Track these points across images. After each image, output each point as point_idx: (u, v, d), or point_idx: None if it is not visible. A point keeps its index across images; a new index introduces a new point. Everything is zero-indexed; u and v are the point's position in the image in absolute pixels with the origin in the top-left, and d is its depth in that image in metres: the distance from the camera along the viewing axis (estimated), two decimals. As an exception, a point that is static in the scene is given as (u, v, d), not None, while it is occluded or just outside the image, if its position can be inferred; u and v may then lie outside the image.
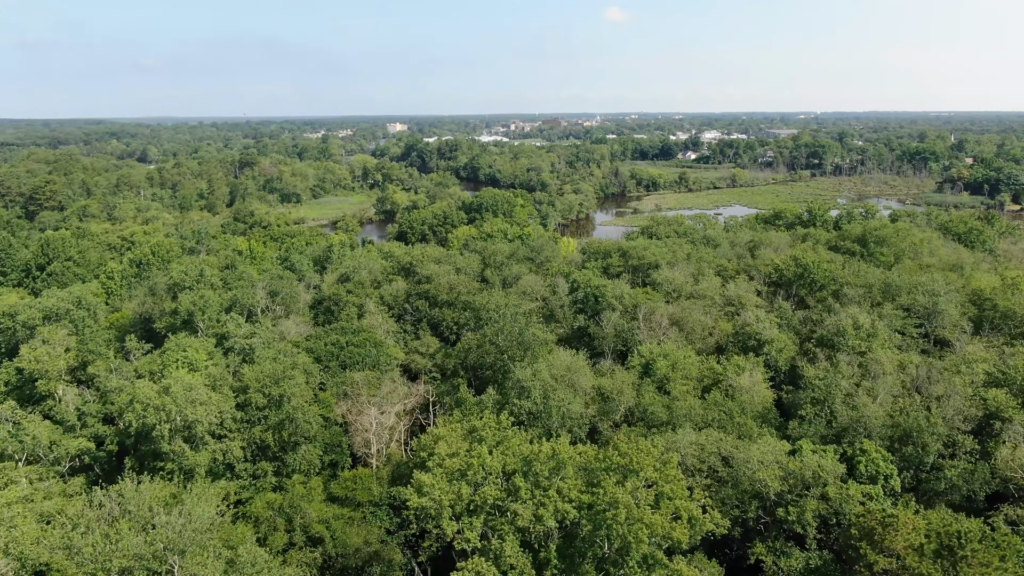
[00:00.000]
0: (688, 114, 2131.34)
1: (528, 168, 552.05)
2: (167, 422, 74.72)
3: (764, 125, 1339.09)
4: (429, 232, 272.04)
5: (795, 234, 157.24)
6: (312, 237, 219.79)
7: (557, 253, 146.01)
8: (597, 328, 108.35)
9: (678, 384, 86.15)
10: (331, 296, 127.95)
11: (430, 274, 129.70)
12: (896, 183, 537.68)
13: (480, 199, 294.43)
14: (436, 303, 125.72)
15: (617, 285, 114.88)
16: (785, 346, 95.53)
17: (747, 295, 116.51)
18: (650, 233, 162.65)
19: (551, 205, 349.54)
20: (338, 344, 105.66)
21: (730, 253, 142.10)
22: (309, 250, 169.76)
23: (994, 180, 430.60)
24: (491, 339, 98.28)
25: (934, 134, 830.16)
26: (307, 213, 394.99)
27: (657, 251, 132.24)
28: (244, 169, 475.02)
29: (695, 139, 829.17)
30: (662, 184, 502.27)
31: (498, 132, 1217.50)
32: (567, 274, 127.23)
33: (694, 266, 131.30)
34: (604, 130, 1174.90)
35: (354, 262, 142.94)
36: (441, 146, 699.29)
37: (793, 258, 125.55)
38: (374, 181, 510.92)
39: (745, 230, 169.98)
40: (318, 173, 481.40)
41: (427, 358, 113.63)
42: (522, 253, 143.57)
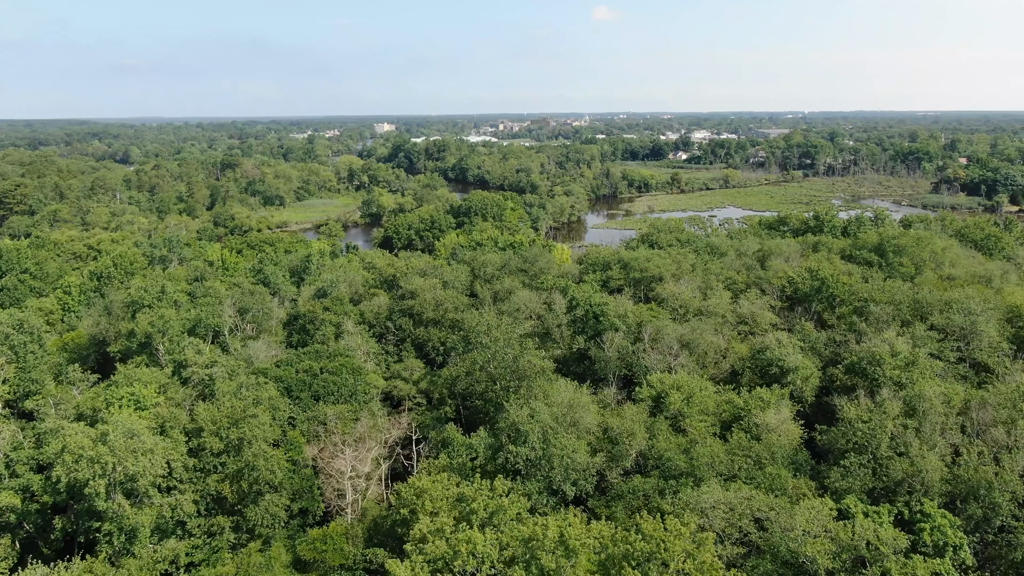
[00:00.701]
0: (677, 114, 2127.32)
1: (517, 169, 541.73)
2: (103, 476, 63.71)
3: (753, 125, 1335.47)
4: (416, 237, 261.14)
5: (805, 242, 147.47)
6: (292, 244, 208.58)
7: (551, 264, 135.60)
8: (599, 351, 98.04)
9: (694, 421, 75.91)
10: (306, 314, 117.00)
11: (415, 289, 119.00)
12: (890, 183, 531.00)
13: (469, 202, 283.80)
14: (421, 321, 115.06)
15: (620, 302, 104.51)
16: (811, 374, 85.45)
17: (761, 312, 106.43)
18: (651, 241, 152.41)
19: (542, 208, 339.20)
20: (311, 371, 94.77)
21: (738, 264, 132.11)
22: (286, 260, 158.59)
23: (991, 181, 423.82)
24: (482, 366, 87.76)
25: (925, 134, 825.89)
26: (290, 216, 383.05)
27: (661, 263, 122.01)
28: (226, 171, 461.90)
29: (685, 139, 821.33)
30: (654, 185, 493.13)
31: (487, 132, 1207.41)
32: (564, 288, 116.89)
33: (701, 279, 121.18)
34: (593, 130, 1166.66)
35: (332, 275, 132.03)
36: (429, 147, 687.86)
37: (809, 270, 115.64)
38: (360, 183, 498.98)
39: (751, 237, 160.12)
40: (302, 175, 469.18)
41: (411, 384, 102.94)
42: (514, 264, 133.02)
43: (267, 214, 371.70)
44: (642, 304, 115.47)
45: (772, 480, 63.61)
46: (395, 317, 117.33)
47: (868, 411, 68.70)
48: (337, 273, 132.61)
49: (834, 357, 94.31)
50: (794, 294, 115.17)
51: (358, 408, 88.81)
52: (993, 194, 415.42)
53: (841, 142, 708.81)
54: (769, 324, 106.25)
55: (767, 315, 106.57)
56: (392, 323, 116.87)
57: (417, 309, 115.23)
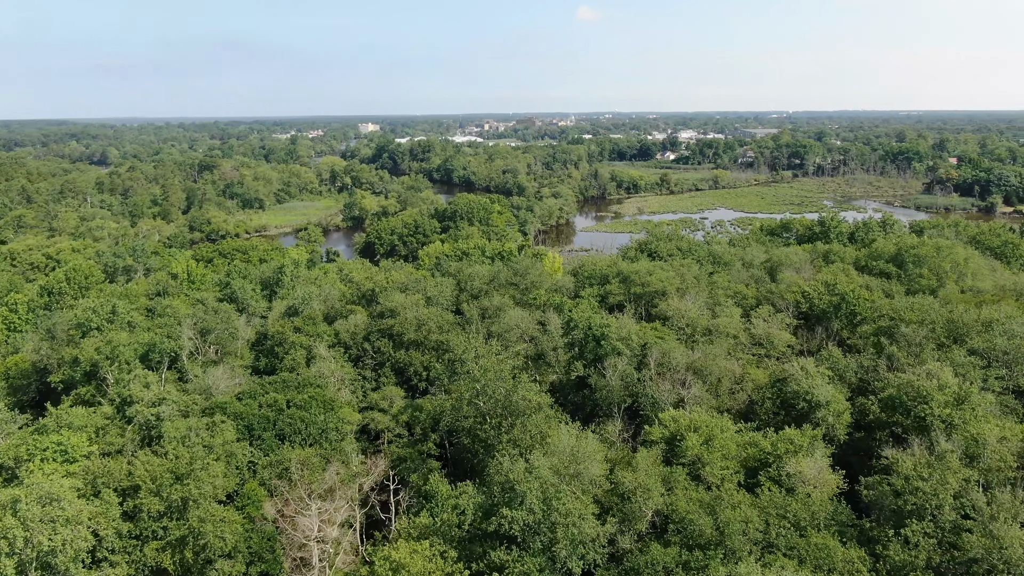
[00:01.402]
0: (662, 113, 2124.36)
1: (504, 170, 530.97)
2: (11, 555, 52.64)
3: (739, 124, 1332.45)
4: (399, 243, 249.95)
5: (814, 251, 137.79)
6: (266, 251, 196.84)
7: (543, 276, 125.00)
8: (600, 378, 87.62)
9: (716, 469, 65.68)
10: (275, 335, 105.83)
11: (395, 307, 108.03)
12: (881, 184, 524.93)
13: (454, 206, 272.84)
14: (402, 343, 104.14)
15: (622, 323, 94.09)
16: (844, 410, 75.46)
17: (778, 333, 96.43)
18: (649, 250, 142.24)
19: (529, 211, 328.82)
20: (276, 406, 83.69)
21: (745, 276, 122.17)
22: (257, 271, 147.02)
23: (984, 181, 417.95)
24: (470, 400, 77.09)
25: (913, 134, 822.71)
26: (269, 220, 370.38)
27: (664, 276, 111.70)
28: (204, 173, 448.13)
29: (673, 139, 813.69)
30: (643, 186, 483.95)
31: (472, 132, 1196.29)
32: (559, 305, 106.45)
33: (707, 293, 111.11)
34: (579, 130, 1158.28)
35: (306, 290, 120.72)
36: (414, 147, 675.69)
37: (826, 285, 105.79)
38: (342, 185, 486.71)
39: (754, 245, 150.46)
40: (283, 177, 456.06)
41: (390, 417, 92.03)
42: (503, 277, 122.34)
43: (245, 218, 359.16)
44: (644, 323, 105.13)
45: (818, 552, 53.53)
46: (373, 338, 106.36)
47: (926, 465, 58.61)
48: (309, 289, 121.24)
49: (862, 385, 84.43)
50: (810, 311, 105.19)
51: (329, 450, 77.89)
52: (987, 195, 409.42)
53: (829, 142, 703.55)
54: (786, 346, 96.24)
55: (783, 335, 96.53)
56: (370, 344, 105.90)
57: (397, 329, 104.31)
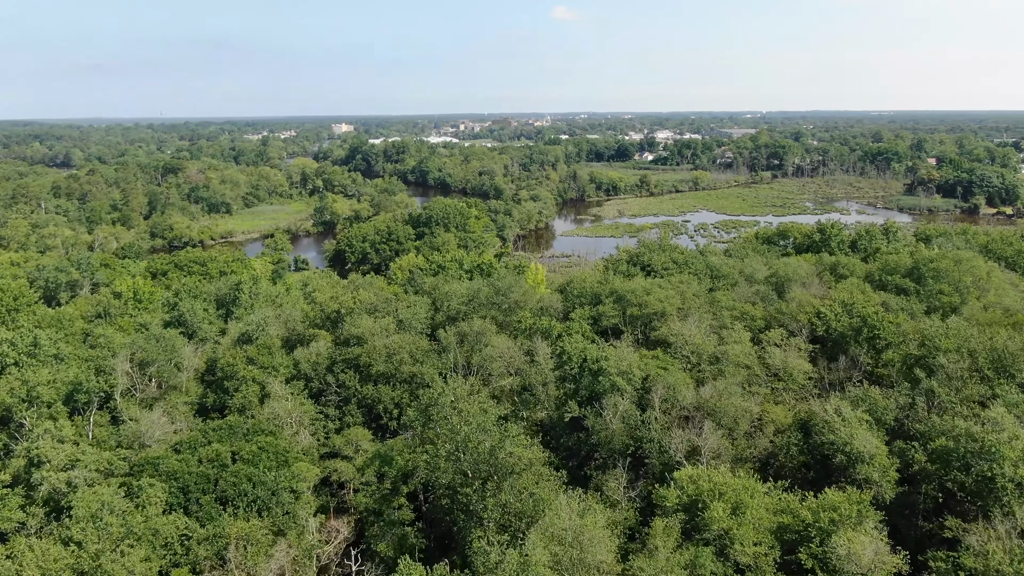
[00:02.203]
0: (637, 114, 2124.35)
1: (480, 172, 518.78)
2: None
3: (715, 125, 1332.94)
4: (371, 251, 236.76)
5: (820, 263, 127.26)
6: (227, 263, 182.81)
7: (528, 295, 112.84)
8: (598, 419, 75.95)
9: (749, 546, 54.34)
10: (224, 367, 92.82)
11: (362, 333, 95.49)
12: (861, 184, 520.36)
13: (430, 211, 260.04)
14: (370, 376, 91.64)
15: (621, 353, 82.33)
16: (891, 465, 64.30)
17: (796, 362, 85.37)
18: (642, 263, 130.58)
19: (508, 215, 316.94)
20: (219, 460, 70.88)
21: (749, 292, 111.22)
22: (212, 288, 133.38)
23: (966, 182, 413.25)
24: (448, 456, 65.01)
25: (890, 134, 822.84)
26: (236, 225, 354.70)
27: (663, 294, 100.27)
28: (168, 176, 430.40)
29: (650, 140, 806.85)
30: (622, 188, 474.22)
31: (447, 133, 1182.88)
32: (547, 332, 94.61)
33: (712, 314, 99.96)
34: (556, 130, 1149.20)
35: (262, 314, 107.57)
36: (388, 148, 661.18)
37: (844, 305, 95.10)
38: (314, 187, 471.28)
39: (753, 256, 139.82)
40: (251, 179, 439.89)
41: (355, 468, 79.48)
42: (484, 295, 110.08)
43: (211, 223, 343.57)
44: (643, 350, 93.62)
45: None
46: (338, 369, 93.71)
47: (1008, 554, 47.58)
48: (266, 313, 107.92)
49: (899, 426, 73.54)
50: (827, 334, 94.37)
51: (280, 518, 65.30)
52: (969, 196, 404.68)
53: (806, 142, 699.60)
54: (805, 377, 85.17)
55: (802, 365, 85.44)
56: (334, 377, 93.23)
57: (365, 360, 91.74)
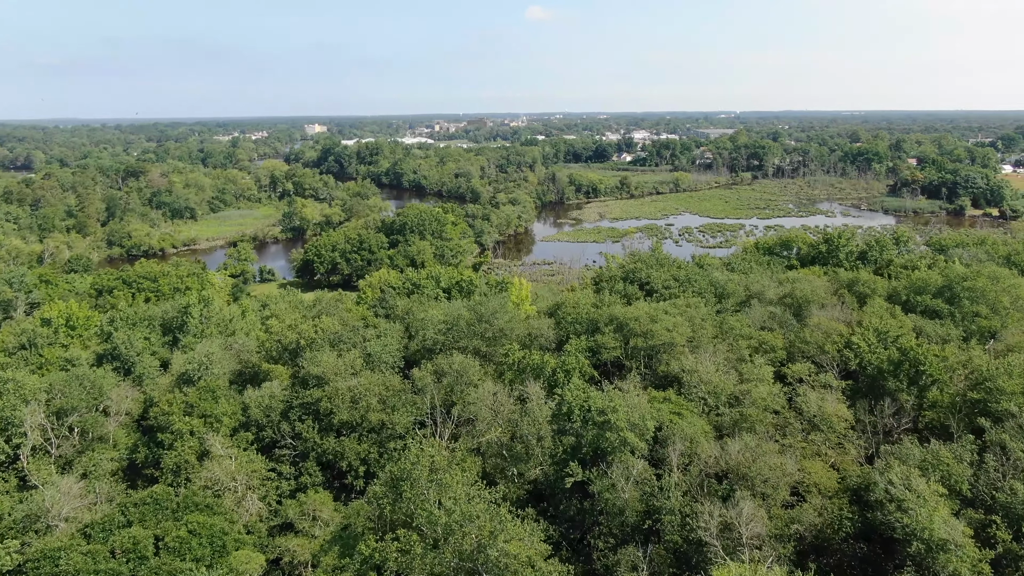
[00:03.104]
0: (612, 114, 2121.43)
1: (456, 173, 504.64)
2: None
3: (691, 125, 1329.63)
4: (341, 261, 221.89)
5: (835, 279, 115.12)
6: (182, 278, 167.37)
7: (514, 321, 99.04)
8: (605, 483, 62.87)
9: None
10: (158, 415, 78.34)
11: (324, 373, 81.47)
12: (843, 185, 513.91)
13: (404, 217, 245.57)
14: (331, 425, 77.66)
15: (630, 400, 69.30)
16: (983, 558, 51.82)
17: (834, 408, 72.71)
18: (640, 281, 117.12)
19: (486, 219, 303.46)
20: (138, 551, 56.67)
21: (763, 314, 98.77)
22: (159, 310, 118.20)
23: (951, 183, 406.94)
24: (424, 553, 51.36)
25: (867, 134, 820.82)
26: (201, 232, 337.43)
27: (670, 322, 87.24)
28: (129, 180, 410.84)
29: (628, 140, 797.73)
30: (603, 190, 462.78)
31: (422, 133, 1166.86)
32: (538, 369, 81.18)
33: (727, 344, 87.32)
34: (532, 130, 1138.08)
35: (208, 348, 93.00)
36: (361, 149, 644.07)
37: (877, 333, 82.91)
38: (284, 191, 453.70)
39: (757, 269, 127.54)
40: (217, 183, 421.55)
41: (313, 551, 65.45)
42: (465, 322, 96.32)
43: (173, 230, 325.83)
44: (652, 389, 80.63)
45: None
46: (294, 416, 79.61)
47: None
48: (213, 346, 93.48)
49: (969, 495, 61.17)
50: (861, 369, 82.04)
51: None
52: (955, 197, 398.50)
53: (784, 142, 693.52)
54: (846, 426, 72.58)
55: (840, 411, 72.89)
56: (289, 425, 79.14)
57: (326, 406, 77.74)
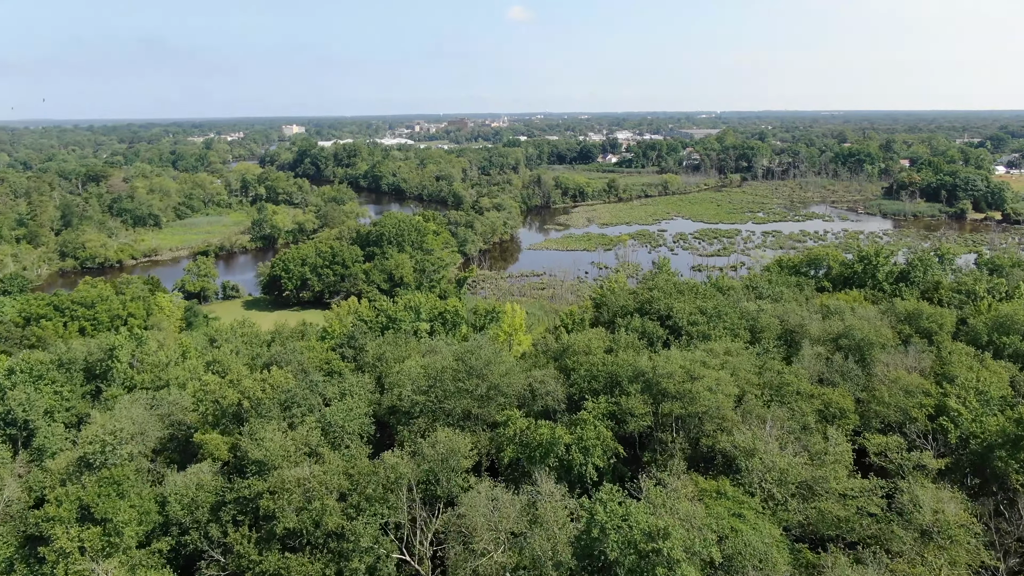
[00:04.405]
0: (594, 114, 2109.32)
1: (437, 176, 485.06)
2: None
3: (673, 125, 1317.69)
4: (312, 276, 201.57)
5: (889, 310, 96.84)
6: (127, 303, 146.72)
7: (512, 373, 79.00)
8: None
9: None
10: (40, 523, 58.39)
11: (267, 457, 61.90)
12: (835, 187, 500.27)
13: (381, 228, 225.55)
14: (274, 534, 57.93)
15: (684, 512, 50.45)
16: None
17: (955, 511, 54.07)
18: (662, 317, 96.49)
19: (469, 227, 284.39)
20: None
21: (816, 362, 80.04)
22: (79, 351, 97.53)
23: (950, 185, 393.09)
24: None
25: (855, 134, 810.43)
26: (164, 241, 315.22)
27: (711, 378, 68.32)
28: (89, 184, 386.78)
29: (613, 141, 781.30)
30: (590, 193, 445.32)
31: (402, 134, 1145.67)
32: (548, 447, 62.25)
33: (787, 408, 68.72)
34: (513, 131, 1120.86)
35: (128, 409, 73.11)
36: (338, 151, 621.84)
37: (978, 394, 64.67)
38: (256, 195, 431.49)
39: (787, 293, 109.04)
40: (184, 188, 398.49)
41: None
42: (451, 376, 76.86)
43: (133, 239, 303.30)
44: (696, 474, 61.98)
45: None
46: (227, 517, 59.97)
47: None
48: (136, 405, 73.61)
49: None
50: (960, 443, 63.75)
51: None
52: (954, 200, 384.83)
53: (771, 143, 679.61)
54: (974, 540, 53.89)
55: (960, 515, 54.43)
56: (219, 527, 59.52)
57: (267, 507, 58.16)
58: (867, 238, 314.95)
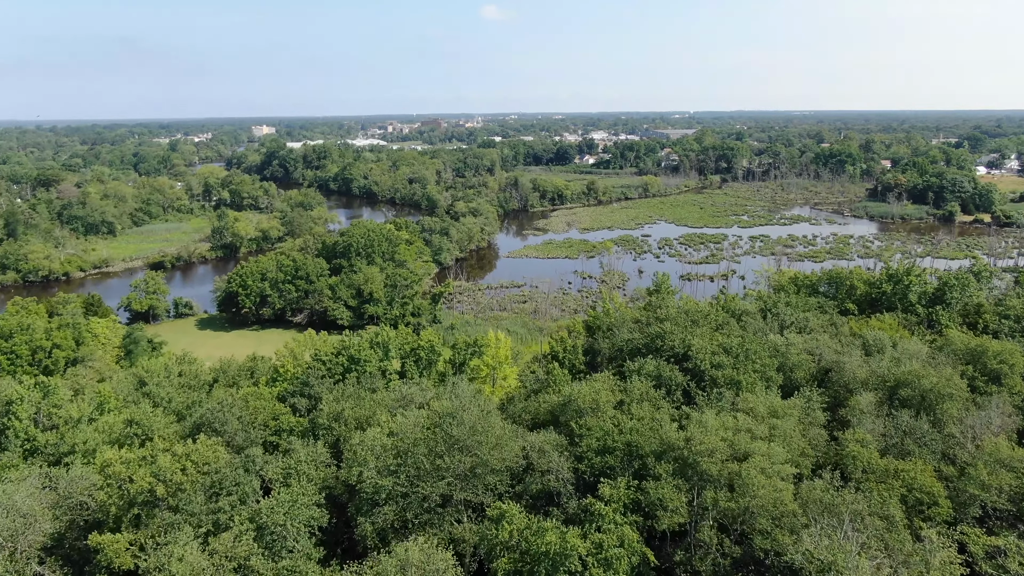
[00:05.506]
0: (568, 114, 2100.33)
1: (410, 179, 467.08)
2: None
3: (648, 125, 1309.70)
4: (272, 293, 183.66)
5: (946, 345, 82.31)
6: (53, 331, 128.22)
7: (503, 441, 62.47)
8: None
9: None
10: None
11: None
12: (818, 189, 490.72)
13: (349, 238, 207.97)
14: None
15: None
16: None
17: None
18: (678, 357, 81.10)
19: (444, 235, 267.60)
20: None
21: (877, 420, 64.99)
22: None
23: (936, 187, 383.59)
24: None
25: (832, 134, 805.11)
26: (117, 251, 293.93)
27: (761, 456, 53.11)
28: (39, 190, 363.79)
29: (589, 142, 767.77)
30: (569, 196, 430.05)
31: (375, 135, 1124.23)
32: (556, 560, 46.54)
33: (862, 497, 53.55)
34: (488, 131, 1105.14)
35: (12, 496, 56.29)
36: (307, 153, 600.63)
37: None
38: (219, 200, 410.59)
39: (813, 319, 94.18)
40: (142, 193, 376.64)
41: None
42: (427, 449, 60.46)
43: (83, 249, 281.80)
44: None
45: None
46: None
47: None
48: (24, 486, 56.69)
49: None
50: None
51: None
52: (942, 202, 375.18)
53: (749, 143, 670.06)
54: None
55: None
56: None
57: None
58: (857, 241, 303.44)
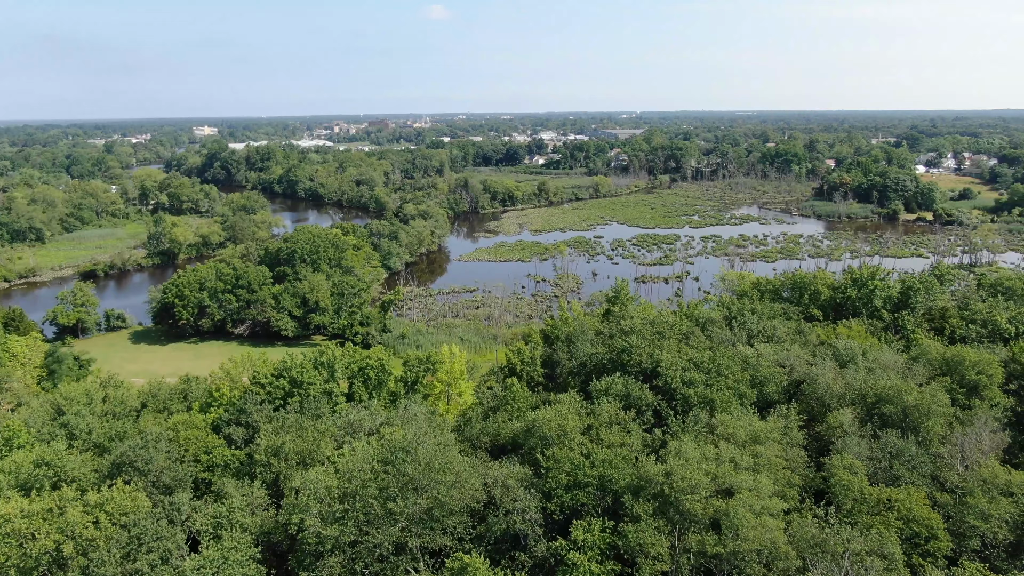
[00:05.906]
0: (517, 114, 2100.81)
1: (358, 181, 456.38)
2: None
3: (596, 125, 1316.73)
4: (212, 303, 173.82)
5: (921, 356, 78.92)
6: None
7: (463, 479, 56.63)
8: None
9: None
10: None
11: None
12: (765, 188, 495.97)
13: (293, 244, 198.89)
14: None
15: None
16: None
17: None
18: (647, 374, 75.51)
19: (394, 239, 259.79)
20: None
21: (863, 442, 60.57)
22: None
23: (880, 186, 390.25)
24: None
25: (777, 134, 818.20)
26: (45, 259, 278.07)
27: (742, 482, 48.10)
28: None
29: (539, 142, 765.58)
30: (520, 198, 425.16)
31: (321, 135, 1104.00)
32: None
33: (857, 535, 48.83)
34: (436, 132, 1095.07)
35: None
36: (251, 154, 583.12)
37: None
38: (157, 204, 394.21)
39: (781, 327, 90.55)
40: (73, 198, 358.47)
41: None
42: (378, 491, 53.87)
43: (7, 258, 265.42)
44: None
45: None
46: None
47: None
48: None
49: None
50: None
51: None
52: (886, 201, 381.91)
53: (696, 143, 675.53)
54: None
55: None
56: None
57: None
58: (807, 241, 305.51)
